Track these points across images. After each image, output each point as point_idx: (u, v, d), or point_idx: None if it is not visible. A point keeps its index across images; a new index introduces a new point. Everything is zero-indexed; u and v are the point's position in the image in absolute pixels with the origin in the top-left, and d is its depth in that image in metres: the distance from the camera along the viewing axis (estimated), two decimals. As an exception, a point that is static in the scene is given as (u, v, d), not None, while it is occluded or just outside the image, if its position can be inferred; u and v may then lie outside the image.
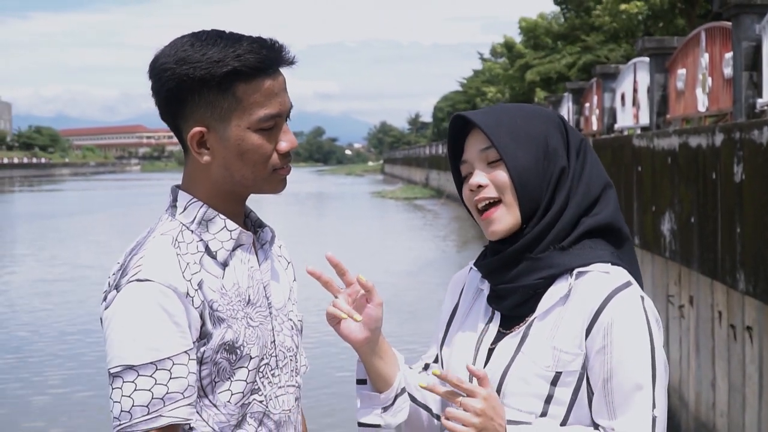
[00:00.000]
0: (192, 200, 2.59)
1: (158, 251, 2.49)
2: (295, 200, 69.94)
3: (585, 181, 2.62)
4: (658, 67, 14.53)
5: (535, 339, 2.55)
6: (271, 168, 2.56)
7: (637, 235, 13.25)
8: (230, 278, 2.56)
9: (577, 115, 22.72)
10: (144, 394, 2.39)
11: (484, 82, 68.47)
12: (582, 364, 2.50)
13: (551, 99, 27.55)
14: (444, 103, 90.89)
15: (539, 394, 2.51)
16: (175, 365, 2.42)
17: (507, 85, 55.28)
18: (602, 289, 2.50)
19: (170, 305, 2.43)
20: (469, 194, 2.65)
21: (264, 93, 2.51)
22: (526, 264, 2.58)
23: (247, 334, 2.55)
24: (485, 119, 2.62)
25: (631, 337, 2.46)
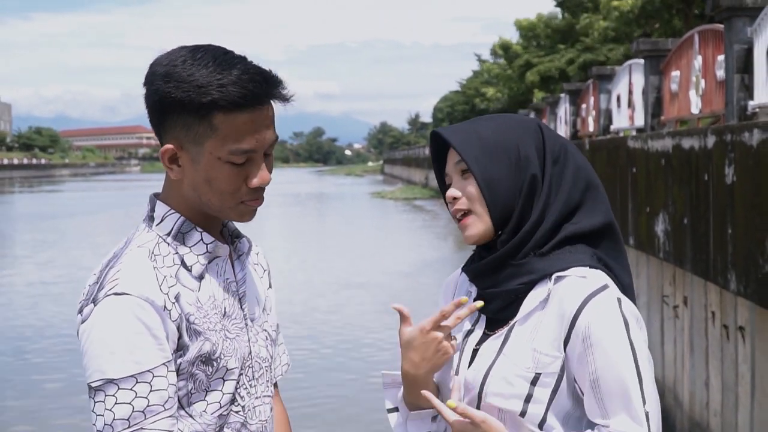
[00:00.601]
0: (169, 211, 2.60)
1: (135, 264, 2.50)
2: (295, 201, 69.93)
3: (565, 188, 2.68)
4: (652, 68, 14.56)
5: (516, 341, 2.62)
6: (238, 200, 2.55)
7: (631, 236, 13.32)
8: (206, 291, 2.57)
9: (574, 116, 22.73)
10: (124, 408, 2.41)
11: (484, 82, 68.45)
12: (561, 366, 2.57)
13: (549, 100, 27.54)
14: (443, 104, 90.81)
15: (520, 394, 2.58)
16: (155, 378, 2.43)
17: (506, 86, 55.28)
18: (579, 294, 2.56)
19: (148, 318, 2.43)
20: (450, 205, 2.75)
21: (241, 128, 2.48)
22: (508, 270, 2.66)
23: (225, 346, 2.57)
24: (455, 134, 2.71)
25: (610, 340, 2.52)
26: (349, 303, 21.04)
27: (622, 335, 2.53)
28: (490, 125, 2.73)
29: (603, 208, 2.72)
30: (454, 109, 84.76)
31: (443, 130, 2.76)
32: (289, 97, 2.56)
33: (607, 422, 2.53)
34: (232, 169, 2.51)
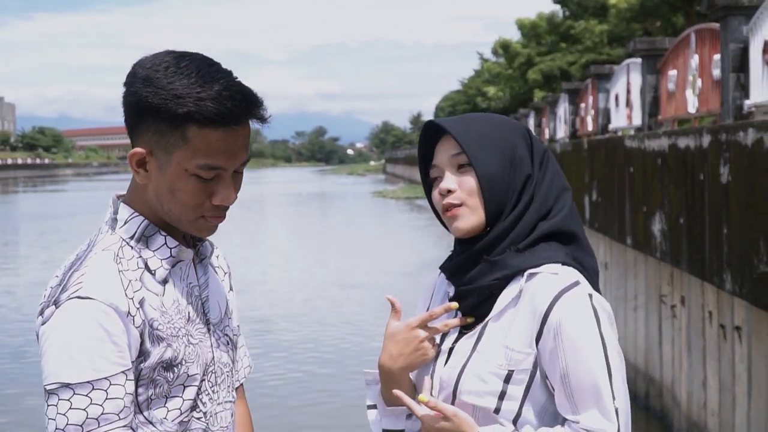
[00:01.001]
0: (133, 214, 2.57)
1: (100, 268, 2.47)
2: (297, 200, 70.01)
3: (545, 189, 2.74)
4: (649, 68, 14.56)
5: (490, 339, 2.65)
6: (199, 214, 2.52)
7: (629, 236, 13.31)
8: (170, 296, 2.55)
9: (573, 116, 22.74)
10: (78, 413, 2.38)
11: (485, 82, 68.42)
12: (533, 363, 2.60)
13: (548, 99, 27.55)
14: (445, 103, 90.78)
15: (493, 391, 2.61)
16: (112, 385, 2.40)
17: (507, 85, 55.28)
18: (550, 290, 2.60)
19: (110, 324, 2.40)
20: (438, 198, 2.76)
21: (213, 144, 2.45)
22: (483, 266, 2.69)
23: (187, 352, 2.55)
24: (456, 127, 2.73)
25: (580, 336, 2.55)
26: (348, 302, 21.05)
27: (593, 331, 2.56)
28: (485, 121, 2.78)
29: (573, 212, 2.78)
30: (455, 108, 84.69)
31: (443, 121, 2.78)
32: (266, 117, 2.53)
33: (577, 418, 2.56)
34: (197, 183, 2.48)
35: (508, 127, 2.77)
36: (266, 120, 2.54)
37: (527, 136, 2.78)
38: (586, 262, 2.74)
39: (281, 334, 17.76)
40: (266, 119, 2.54)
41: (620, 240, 13.92)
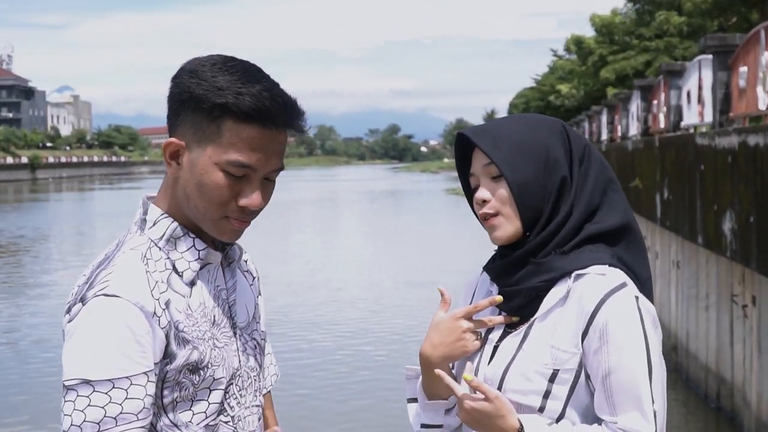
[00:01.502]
0: (162, 215, 2.56)
1: (128, 267, 2.45)
2: (370, 198, 70.12)
3: (588, 189, 2.73)
4: (720, 64, 14.39)
5: (536, 338, 2.67)
6: (223, 213, 2.49)
7: (700, 235, 13.17)
8: (197, 298, 2.53)
9: (645, 113, 22.53)
10: (97, 411, 2.35)
11: (558, 79, 68.06)
12: (578, 363, 2.61)
13: (620, 96, 27.34)
14: (519, 100, 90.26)
15: (538, 390, 2.63)
16: (133, 385, 2.37)
17: (580, 82, 54.92)
18: (598, 291, 2.60)
19: (136, 324, 2.38)
20: (477, 207, 2.77)
21: (246, 140, 2.44)
22: (529, 268, 2.70)
23: (213, 355, 2.52)
24: (484, 138, 2.73)
25: (625, 337, 2.56)
26: (421, 301, 21.04)
27: (638, 332, 2.58)
28: (517, 126, 2.76)
29: (621, 207, 2.76)
30: (528, 105, 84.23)
31: (471, 133, 2.78)
32: (305, 129, 2.54)
33: (615, 419, 2.57)
34: (225, 180, 2.46)
35: (540, 128, 2.76)
36: (303, 131, 2.54)
37: (564, 134, 2.77)
38: (634, 263, 2.74)
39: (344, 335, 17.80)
40: (303, 131, 2.54)
41: (691, 239, 13.78)
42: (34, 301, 22.22)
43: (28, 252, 33.66)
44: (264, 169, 2.48)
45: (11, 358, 15.92)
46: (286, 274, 24.85)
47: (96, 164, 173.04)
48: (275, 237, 34.91)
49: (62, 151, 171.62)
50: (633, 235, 2.77)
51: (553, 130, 2.76)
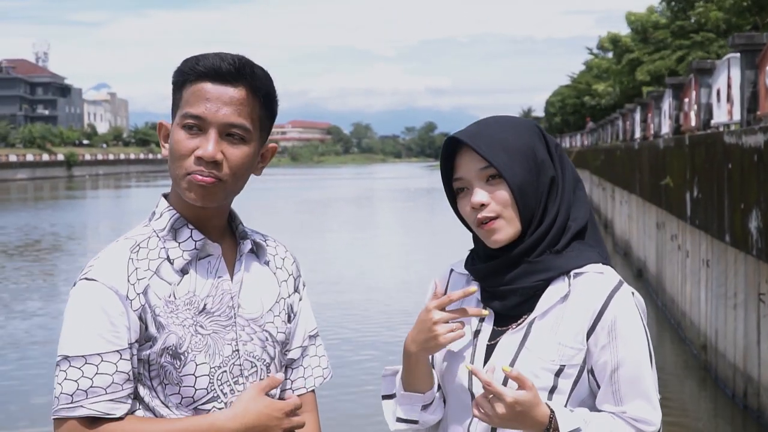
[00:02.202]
0: (168, 208, 2.75)
1: (112, 254, 2.66)
2: (405, 196, 70.09)
3: (567, 186, 2.83)
4: (748, 63, 14.33)
5: (538, 335, 2.74)
6: (185, 170, 2.63)
7: (728, 233, 13.12)
8: (186, 286, 2.67)
9: (676, 111, 22.45)
10: (70, 384, 2.55)
11: (595, 77, 67.80)
12: (583, 358, 2.72)
13: (653, 94, 27.23)
14: (555, 98, 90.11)
15: (545, 386, 2.71)
16: (103, 362, 2.56)
17: (616, 81, 54.68)
18: (601, 290, 2.73)
19: (110, 306, 2.57)
20: (470, 211, 2.80)
21: (197, 94, 2.64)
22: (524, 267, 2.77)
23: (194, 341, 2.64)
24: (478, 140, 2.76)
25: (632, 332, 2.70)
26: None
27: (641, 328, 2.73)
28: (505, 129, 2.80)
29: (585, 201, 2.86)
30: (564, 103, 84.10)
31: (466, 137, 2.79)
32: (261, 87, 2.69)
33: (623, 408, 2.69)
34: (183, 134, 2.63)
35: (524, 129, 2.81)
36: (259, 88, 2.69)
37: (541, 135, 2.83)
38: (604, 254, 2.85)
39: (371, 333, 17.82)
40: (259, 88, 2.69)
41: (719, 237, 13.73)
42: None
43: (61, 249, 33.83)
44: (215, 119, 2.62)
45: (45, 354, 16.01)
46: (323, 272, 24.90)
47: (132, 162, 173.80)
48: (312, 234, 34.98)
49: (99, 148, 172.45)
50: (595, 226, 2.86)
51: (534, 131, 2.83)
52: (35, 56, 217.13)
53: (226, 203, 2.77)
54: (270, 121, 2.79)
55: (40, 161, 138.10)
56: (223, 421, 2.61)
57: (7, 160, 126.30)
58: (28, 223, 44.28)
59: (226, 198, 2.71)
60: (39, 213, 52.84)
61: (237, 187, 2.72)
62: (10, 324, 18.73)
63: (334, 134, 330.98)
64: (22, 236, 37.55)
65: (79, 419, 2.55)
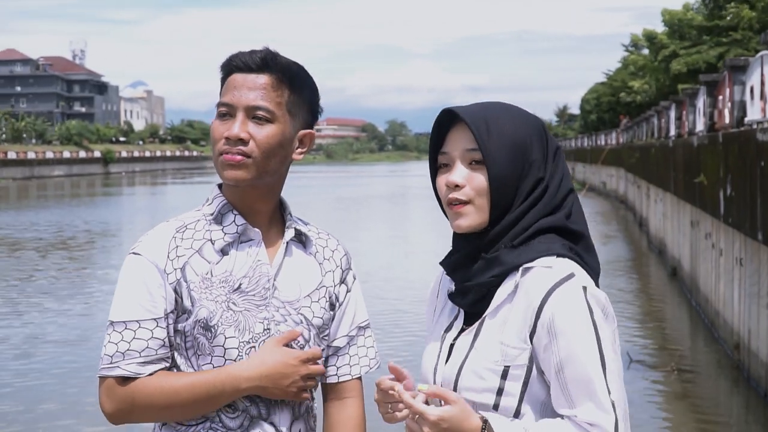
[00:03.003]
0: (218, 194, 3.01)
1: (158, 232, 2.94)
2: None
3: (552, 190, 2.71)
4: (781, 60, 14.26)
5: (486, 335, 2.66)
6: (218, 151, 2.90)
7: (760, 231, 13.05)
8: (224, 265, 2.92)
9: (711, 108, 22.34)
10: (111, 347, 2.86)
11: (631, 74, 67.59)
12: (528, 358, 2.59)
13: (688, 91, 27.12)
14: (590, 95, 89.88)
15: (491, 387, 2.62)
16: (141, 328, 2.85)
17: (652, 77, 54.51)
18: (543, 285, 2.59)
19: (149, 278, 2.86)
20: (444, 189, 2.74)
21: (228, 85, 2.93)
22: (480, 263, 2.70)
23: (225, 316, 2.87)
24: (477, 121, 2.68)
25: (574, 329, 2.53)
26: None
27: (587, 324, 2.54)
28: (508, 118, 2.72)
29: (579, 212, 2.76)
30: (600, 100, 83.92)
31: (464, 112, 2.72)
32: (282, 72, 2.93)
33: (574, 412, 2.54)
34: (218, 122, 2.93)
35: (527, 125, 2.73)
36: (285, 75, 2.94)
37: (543, 135, 2.75)
38: (588, 260, 2.71)
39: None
40: (285, 75, 2.94)
41: (752, 236, 13.66)
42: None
43: (96, 246, 34.00)
44: (240, 102, 2.90)
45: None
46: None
47: (168, 159, 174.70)
48: (347, 231, 35.01)
49: (135, 145, 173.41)
50: (583, 236, 2.75)
51: (536, 129, 2.74)
52: (72, 54, 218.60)
53: (266, 187, 2.97)
54: (302, 108, 2.99)
55: (77, 158, 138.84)
56: (240, 371, 2.84)
57: (44, 156, 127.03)
58: (62, 219, 44.45)
59: (259, 177, 2.90)
60: (76, 210, 53.02)
61: (269, 167, 2.91)
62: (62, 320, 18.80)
63: (368, 132, 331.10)
64: (56, 232, 37.72)
65: (115, 378, 2.83)
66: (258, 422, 2.91)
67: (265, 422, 2.92)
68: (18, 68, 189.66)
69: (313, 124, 3.05)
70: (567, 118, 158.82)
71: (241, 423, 2.89)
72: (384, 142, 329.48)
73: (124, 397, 2.84)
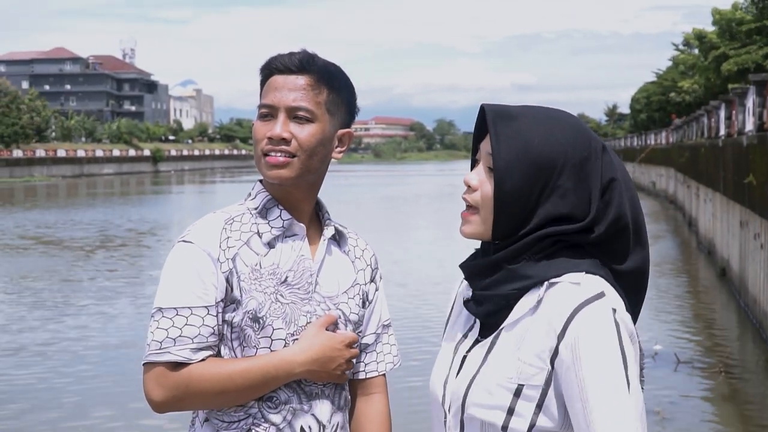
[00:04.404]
0: (262, 190, 3.05)
1: (208, 222, 2.96)
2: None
3: (602, 228, 2.50)
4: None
5: (501, 349, 2.48)
6: (260, 152, 2.96)
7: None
8: (271, 258, 2.95)
9: (760, 108, 22.15)
10: (161, 333, 2.85)
11: (681, 74, 67.19)
12: (545, 380, 2.42)
13: (737, 91, 26.92)
14: (640, 95, 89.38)
15: (501, 405, 2.44)
16: (192, 315, 2.86)
17: (702, 77, 54.21)
18: (570, 302, 2.40)
19: (202, 266, 2.87)
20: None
21: (269, 87, 2.98)
22: (502, 273, 2.51)
23: (273, 308, 2.92)
24: (499, 125, 2.51)
25: (599, 352, 2.35)
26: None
27: (614, 349, 2.36)
28: (540, 132, 2.50)
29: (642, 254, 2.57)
30: (650, 99, 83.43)
31: (491, 113, 2.54)
32: (321, 72, 2.98)
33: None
34: (259, 123, 2.99)
35: (564, 145, 2.49)
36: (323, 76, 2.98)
37: (586, 164, 2.49)
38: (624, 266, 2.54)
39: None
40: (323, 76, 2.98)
41: (802, 236, 13.55)
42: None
43: (143, 245, 34.18)
44: (281, 103, 2.95)
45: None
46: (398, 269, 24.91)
47: (217, 157, 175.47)
48: (392, 232, 35.00)
49: (184, 144, 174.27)
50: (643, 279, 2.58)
51: (579, 155, 2.50)
52: (122, 53, 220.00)
53: (308, 185, 3.04)
54: (340, 107, 3.04)
55: (127, 156, 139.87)
56: (292, 355, 2.90)
57: (93, 155, 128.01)
58: (109, 218, 44.73)
59: (302, 175, 2.97)
60: (125, 208, 53.34)
61: (311, 165, 2.98)
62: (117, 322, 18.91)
63: (416, 130, 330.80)
64: (103, 231, 37.95)
65: (165, 363, 2.83)
66: (300, 414, 2.94)
67: (307, 414, 2.95)
68: (68, 67, 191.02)
69: (350, 124, 3.10)
70: (617, 118, 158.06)
71: (284, 417, 2.92)
72: (432, 141, 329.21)
73: (177, 384, 2.83)
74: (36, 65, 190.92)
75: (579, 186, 2.48)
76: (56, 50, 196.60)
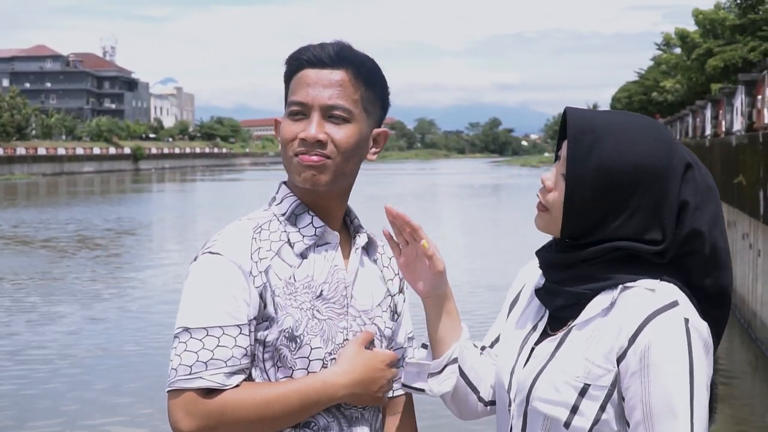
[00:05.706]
0: (288, 194, 2.77)
1: (236, 231, 2.68)
2: (469, 192, 70.04)
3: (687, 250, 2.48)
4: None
5: (571, 347, 2.49)
6: (291, 152, 2.69)
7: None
8: (305, 270, 2.68)
9: (749, 108, 22.20)
10: (190, 356, 2.54)
11: (663, 73, 67.36)
12: (612, 382, 2.41)
13: (725, 91, 26.99)
14: (621, 94, 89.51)
15: (566, 402, 2.44)
16: (224, 335, 2.56)
17: (684, 76, 54.37)
18: (644, 308, 2.40)
19: (233, 280, 2.59)
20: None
21: (300, 82, 2.70)
22: (576, 270, 2.52)
23: (310, 325, 2.65)
24: (578, 134, 2.48)
25: (669, 363, 2.35)
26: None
27: (683, 360, 2.35)
28: (618, 147, 2.46)
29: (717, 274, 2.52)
30: (631, 99, 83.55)
31: (573, 120, 2.52)
32: (358, 68, 2.71)
33: None
34: (290, 122, 2.70)
35: (643, 165, 2.45)
36: (360, 72, 2.71)
37: (667, 187, 2.47)
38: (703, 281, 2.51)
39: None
40: (360, 71, 2.71)
41: (794, 236, 13.53)
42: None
43: (124, 246, 34.06)
44: (316, 102, 2.67)
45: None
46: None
47: (198, 156, 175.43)
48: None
49: (165, 142, 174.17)
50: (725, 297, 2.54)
51: (656, 177, 2.46)
52: (102, 50, 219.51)
53: (341, 189, 2.78)
54: (376, 105, 2.78)
55: (107, 154, 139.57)
56: (333, 378, 2.63)
57: (74, 153, 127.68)
58: (87, 217, 44.59)
59: (336, 180, 2.71)
60: (107, 207, 53.16)
61: (347, 169, 2.72)
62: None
63: (397, 129, 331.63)
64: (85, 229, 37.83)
65: (196, 390, 2.54)
66: None
67: None
68: (48, 64, 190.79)
69: (382, 122, 2.84)
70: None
71: None
72: (413, 140, 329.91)
73: (210, 412, 2.53)
74: (16, 63, 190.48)
75: (651, 207, 2.47)
76: (37, 48, 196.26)
